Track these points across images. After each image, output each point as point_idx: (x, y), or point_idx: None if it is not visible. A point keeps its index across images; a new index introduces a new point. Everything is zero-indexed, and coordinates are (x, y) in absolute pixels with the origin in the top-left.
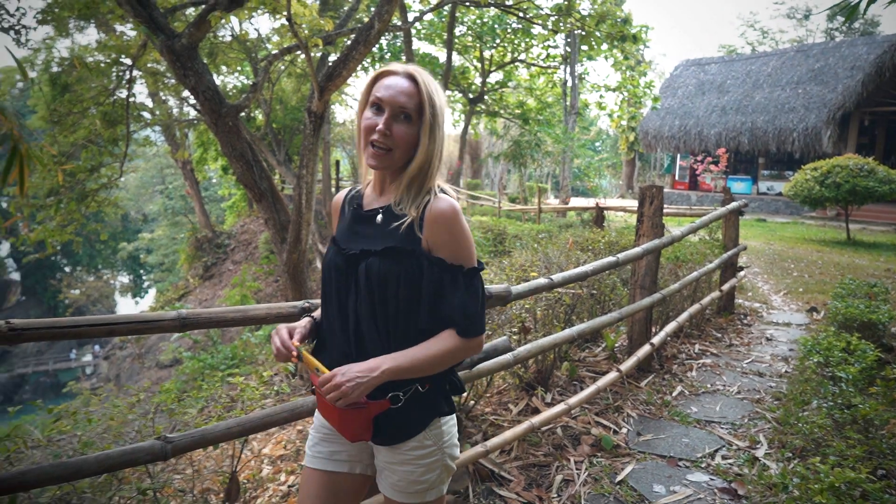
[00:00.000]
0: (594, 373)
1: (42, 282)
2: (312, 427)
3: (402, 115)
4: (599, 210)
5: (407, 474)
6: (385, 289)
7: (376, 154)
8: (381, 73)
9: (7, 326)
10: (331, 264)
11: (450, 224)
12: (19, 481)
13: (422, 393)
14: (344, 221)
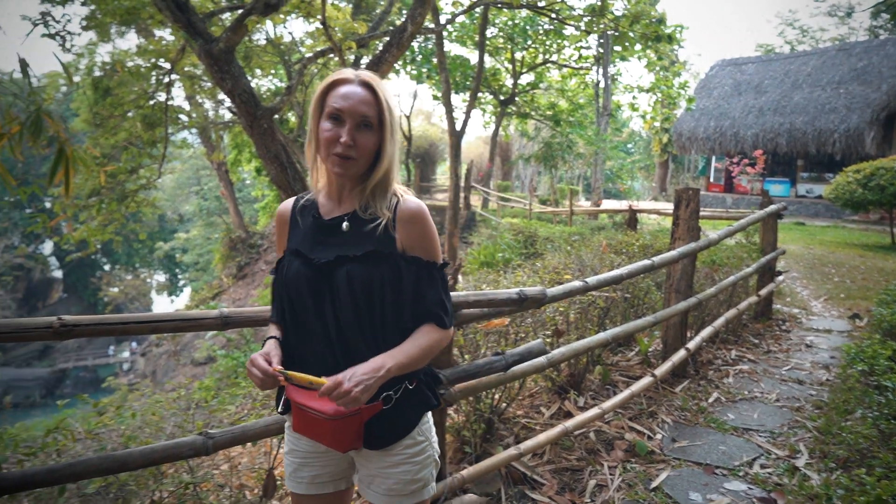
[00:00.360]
0: (627, 377)
1: (83, 279)
2: (286, 451)
3: (363, 124)
4: (632, 213)
5: (403, 475)
6: (370, 293)
7: (342, 163)
8: (334, 83)
9: (59, 322)
10: (299, 276)
11: (422, 223)
12: (70, 472)
13: (411, 390)
14: (300, 232)
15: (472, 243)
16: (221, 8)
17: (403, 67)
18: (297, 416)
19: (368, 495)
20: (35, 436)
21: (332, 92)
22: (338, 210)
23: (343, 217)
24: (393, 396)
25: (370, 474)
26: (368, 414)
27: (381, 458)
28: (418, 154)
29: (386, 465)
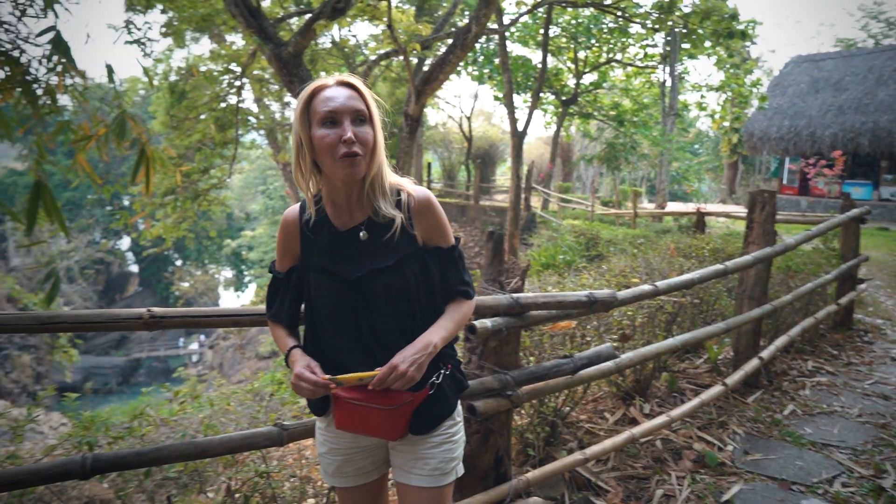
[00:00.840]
0: (696, 385)
1: (157, 274)
2: (325, 452)
3: (359, 119)
4: (700, 215)
5: (445, 454)
6: (408, 298)
7: (351, 163)
8: (314, 91)
9: (149, 314)
10: (332, 294)
11: (435, 210)
12: (156, 456)
13: (448, 374)
14: (317, 247)
15: (531, 245)
16: (290, 13)
17: (465, 68)
18: (345, 414)
19: (411, 479)
20: (119, 421)
21: (316, 99)
22: (351, 220)
23: (359, 227)
24: (436, 382)
25: (413, 458)
26: (418, 401)
27: (424, 441)
28: (478, 155)
29: (429, 447)
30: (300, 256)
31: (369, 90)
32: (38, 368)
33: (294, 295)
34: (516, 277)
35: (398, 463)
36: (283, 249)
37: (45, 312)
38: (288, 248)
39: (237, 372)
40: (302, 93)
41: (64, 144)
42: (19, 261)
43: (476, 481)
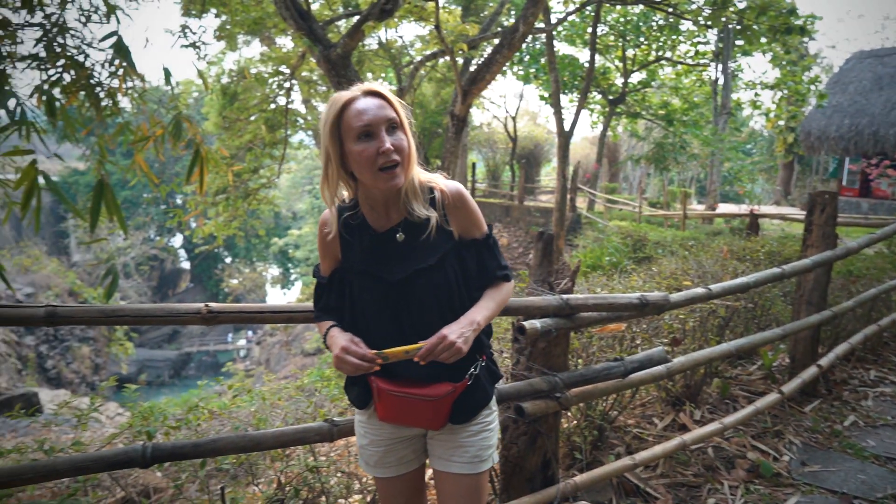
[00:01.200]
0: (749, 392)
1: (207, 271)
2: (365, 444)
3: (392, 126)
4: (754, 217)
5: (482, 441)
6: (450, 294)
7: (393, 174)
8: (343, 105)
9: (207, 309)
10: (375, 294)
11: (468, 203)
12: (211, 448)
13: (484, 365)
14: (357, 249)
15: (577, 246)
16: (339, 15)
17: (510, 68)
18: (389, 406)
19: (451, 467)
20: (173, 412)
21: (347, 113)
22: (388, 222)
23: (396, 228)
24: (474, 372)
25: (452, 447)
26: (458, 391)
27: (463, 430)
28: (523, 155)
29: (468, 435)
30: (341, 259)
31: (393, 95)
32: (96, 360)
33: (338, 296)
34: (566, 279)
35: (437, 452)
36: (324, 253)
37: (109, 306)
38: (328, 251)
39: (283, 368)
40: (330, 107)
41: (123, 145)
42: (80, 257)
43: (523, 483)
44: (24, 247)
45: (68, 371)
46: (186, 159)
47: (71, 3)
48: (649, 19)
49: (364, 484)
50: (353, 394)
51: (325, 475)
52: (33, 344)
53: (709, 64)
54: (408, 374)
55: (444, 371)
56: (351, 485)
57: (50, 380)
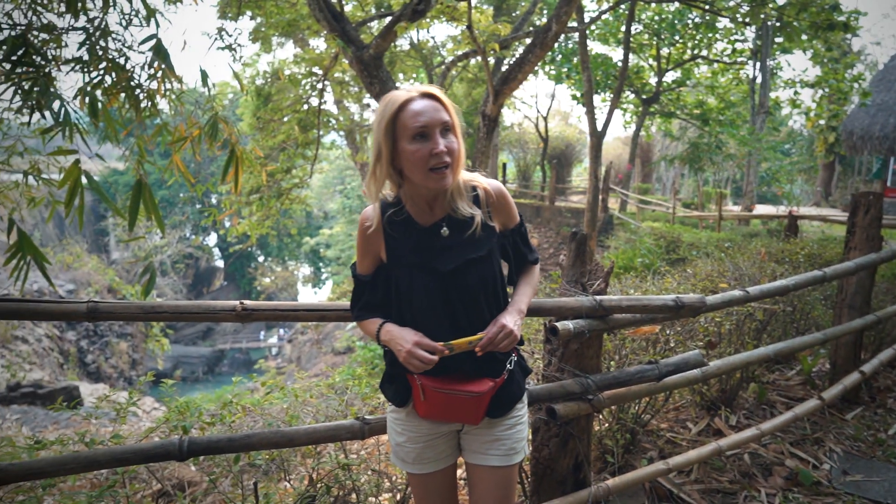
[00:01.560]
0: (787, 398)
1: (241, 270)
2: (402, 441)
3: (445, 129)
4: (792, 218)
5: (516, 433)
6: (496, 284)
7: (443, 175)
8: (401, 105)
9: (242, 306)
10: (428, 290)
11: (507, 199)
12: (246, 443)
13: (517, 360)
14: (404, 244)
15: (608, 247)
16: (372, 16)
17: (542, 68)
18: (433, 403)
19: (487, 460)
20: (207, 408)
21: (403, 113)
22: (432, 217)
23: (440, 223)
24: (510, 368)
25: (489, 440)
26: (499, 385)
27: (499, 423)
28: (554, 155)
29: (504, 429)
30: (386, 255)
31: (448, 98)
32: (133, 355)
33: (383, 293)
34: (599, 279)
35: (472, 447)
36: (365, 249)
37: (148, 302)
38: (369, 248)
39: (314, 365)
40: (386, 106)
41: (161, 145)
42: (119, 254)
43: (554, 485)
44: (67, 244)
45: (107, 366)
46: (221, 159)
47: (113, 7)
48: (685, 17)
49: (394, 482)
50: (392, 392)
51: (356, 473)
52: (74, 339)
53: (746, 62)
54: (447, 371)
55: (483, 367)
56: (381, 483)
57: (90, 374)
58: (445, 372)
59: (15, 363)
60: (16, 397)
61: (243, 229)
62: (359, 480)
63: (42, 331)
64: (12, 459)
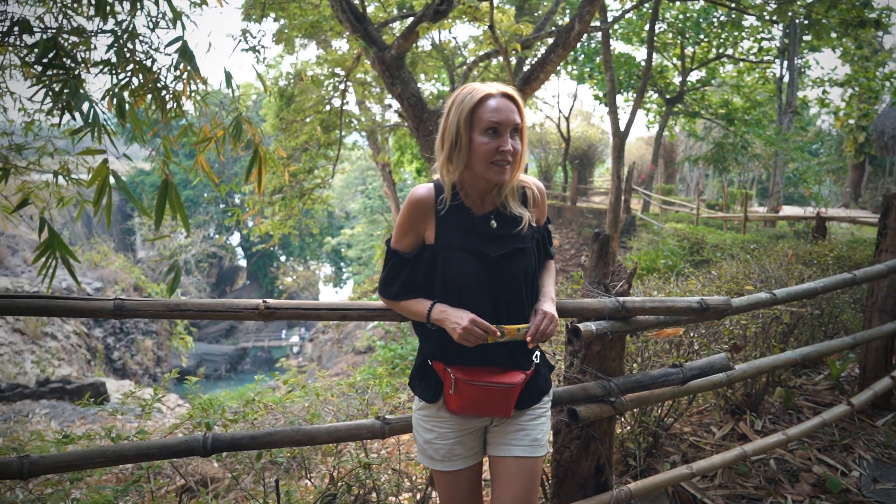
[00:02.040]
0: (814, 403)
1: (263, 269)
2: (431, 438)
3: (515, 130)
4: (821, 220)
5: (541, 425)
6: (533, 276)
7: (503, 170)
8: (482, 98)
9: (264, 305)
10: (477, 273)
11: (545, 197)
12: (268, 440)
13: (542, 354)
14: (453, 228)
15: (631, 248)
16: (394, 17)
17: (565, 67)
18: (466, 396)
19: (513, 451)
20: (230, 405)
21: (482, 107)
22: (482, 208)
23: (489, 215)
24: (536, 361)
25: (514, 431)
26: (528, 378)
27: (526, 414)
28: (576, 156)
29: (530, 419)
30: (435, 237)
31: (522, 104)
32: (158, 353)
33: (426, 273)
34: (622, 280)
35: (497, 439)
36: (409, 227)
37: (173, 300)
38: (415, 226)
39: (335, 365)
40: (466, 97)
41: (186, 146)
42: (145, 253)
43: (575, 488)
44: (95, 243)
45: (133, 362)
46: (245, 160)
47: (140, 10)
48: (710, 15)
49: (414, 482)
50: (423, 387)
51: (376, 472)
52: (101, 336)
53: (773, 61)
54: (480, 363)
55: (514, 359)
56: (401, 483)
57: (116, 370)
58: (479, 363)
59: (44, 359)
60: (45, 392)
61: (266, 229)
62: (379, 480)
63: (70, 328)
64: (42, 453)
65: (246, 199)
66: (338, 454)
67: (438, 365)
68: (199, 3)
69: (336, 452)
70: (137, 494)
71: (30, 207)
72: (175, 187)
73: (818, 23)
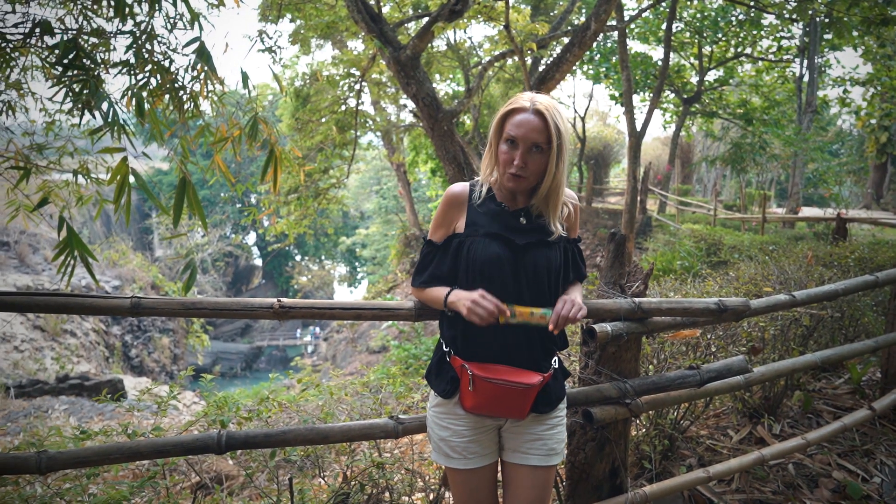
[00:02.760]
0: (834, 407)
1: (278, 268)
2: (446, 436)
3: (534, 147)
4: (841, 221)
5: (557, 434)
6: (559, 276)
7: (513, 180)
8: (511, 111)
9: (279, 304)
10: (501, 258)
11: (578, 212)
12: (281, 439)
13: (559, 359)
14: (483, 217)
15: (646, 249)
16: (409, 17)
17: (580, 67)
18: (482, 393)
19: (528, 459)
20: (244, 403)
21: (510, 119)
22: (514, 205)
23: (520, 212)
24: (554, 366)
25: (531, 439)
26: (546, 381)
27: (542, 423)
28: (591, 156)
29: (547, 428)
30: (465, 225)
31: (557, 120)
32: (174, 350)
33: (452, 261)
34: (638, 281)
35: (513, 445)
36: (443, 220)
37: (189, 298)
38: (449, 218)
39: (349, 364)
40: (507, 105)
41: (203, 146)
42: (162, 252)
43: (589, 490)
44: (113, 242)
45: (150, 360)
46: (261, 160)
47: (158, 11)
48: (728, 14)
49: (427, 482)
50: (439, 382)
51: (390, 472)
52: (119, 333)
53: (793, 60)
54: (497, 360)
55: (540, 360)
56: (414, 483)
57: (133, 367)
58: (496, 360)
59: (64, 356)
60: (64, 388)
61: (281, 228)
62: (392, 479)
63: (89, 325)
64: (59, 448)
65: (262, 199)
66: (351, 453)
67: (456, 361)
68: (216, 4)
69: (349, 452)
70: (153, 490)
71: (50, 206)
72: (193, 186)
73: (839, 21)
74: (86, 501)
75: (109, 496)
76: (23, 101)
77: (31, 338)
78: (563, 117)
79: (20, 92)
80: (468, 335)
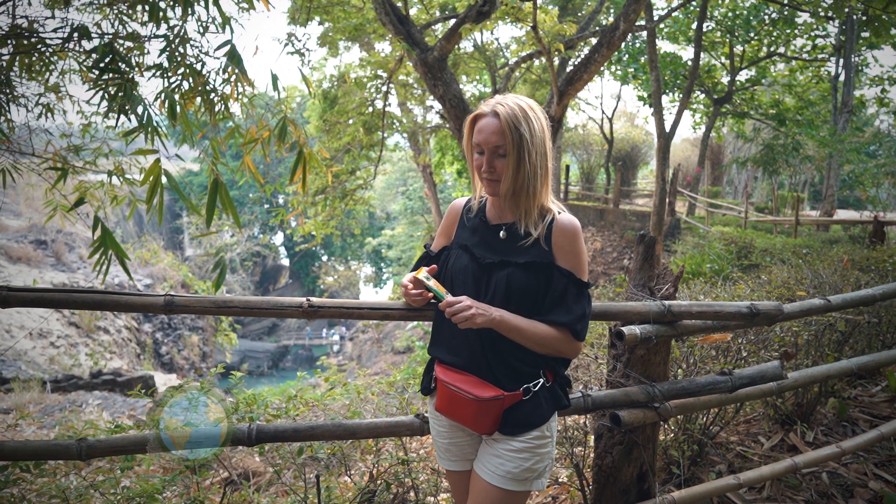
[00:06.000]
0: (870, 416)
1: (305, 268)
2: (434, 435)
3: (498, 153)
4: (878, 224)
5: (523, 461)
6: (522, 296)
7: (488, 184)
8: (475, 117)
9: (308, 303)
10: (467, 270)
11: (574, 239)
12: (310, 434)
13: (547, 387)
14: (466, 230)
15: (675, 252)
16: (436, 19)
17: (608, 68)
18: (443, 396)
19: (482, 473)
20: (272, 401)
21: (474, 127)
22: (498, 219)
23: (502, 225)
24: (531, 389)
25: (491, 455)
26: (509, 402)
27: (507, 442)
28: (619, 157)
29: (511, 450)
30: (454, 237)
31: (514, 120)
32: (203, 348)
33: (440, 271)
34: (668, 284)
35: (480, 455)
36: (443, 231)
37: (220, 297)
38: (446, 230)
39: (374, 364)
40: (469, 116)
41: (233, 147)
42: (192, 251)
43: (617, 495)
44: (145, 241)
45: (180, 357)
46: (289, 161)
47: (191, 15)
48: (761, 12)
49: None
50: (423, 379)
51: (416, 471)
52: (150, 331)
53: (828, 59)
54: (463, 369)
55: (502, 377)
56: (439, 483)
57: (164, 364)
58: (454, 364)
59: (97, 352)
60: (97, 384)
61: (309, 229)
62: (418, 479)
63: (122, 322)
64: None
65: (290, 200)
66: (377, 452)
67: (434, 360)
68: (246, 7)
69: (375, 451)
70: (183, 485)
71: (85, 206)
72: (225, 186)
73: (877, 19)
74: (119, 494)
75: (142, 489)
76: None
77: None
78: (532, 117)
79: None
80: (435, 334)
